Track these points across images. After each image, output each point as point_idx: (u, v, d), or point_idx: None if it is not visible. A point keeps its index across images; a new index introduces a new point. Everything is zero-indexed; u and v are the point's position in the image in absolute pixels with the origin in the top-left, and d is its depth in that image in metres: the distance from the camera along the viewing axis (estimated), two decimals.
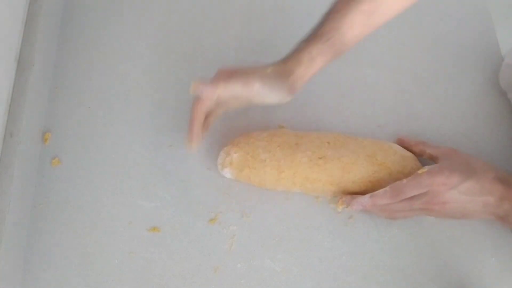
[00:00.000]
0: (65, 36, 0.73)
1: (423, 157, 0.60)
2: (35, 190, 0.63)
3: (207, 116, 0.59)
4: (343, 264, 0.58)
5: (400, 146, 0.61)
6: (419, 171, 0.54)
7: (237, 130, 0.66)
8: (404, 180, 0.54)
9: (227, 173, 0.60)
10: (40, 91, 0.66)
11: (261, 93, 0.56)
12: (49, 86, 0.69)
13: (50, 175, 0.64)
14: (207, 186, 0.63)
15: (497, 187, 0.53)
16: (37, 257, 0.60)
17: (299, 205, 0.61)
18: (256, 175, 0.59)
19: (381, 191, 0.55)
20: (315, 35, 0.57)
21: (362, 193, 0.60)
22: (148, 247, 0.60)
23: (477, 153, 0.65)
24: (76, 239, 0.60)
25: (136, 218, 0.61)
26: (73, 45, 0.72)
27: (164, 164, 0.64)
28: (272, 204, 0.61)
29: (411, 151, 0.61)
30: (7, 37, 0.62)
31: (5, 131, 0.60)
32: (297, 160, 0.58)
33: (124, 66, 0.70)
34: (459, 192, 0.52)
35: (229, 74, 0.56)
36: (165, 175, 0.63)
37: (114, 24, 0.73)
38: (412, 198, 0.54)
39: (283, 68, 0.57)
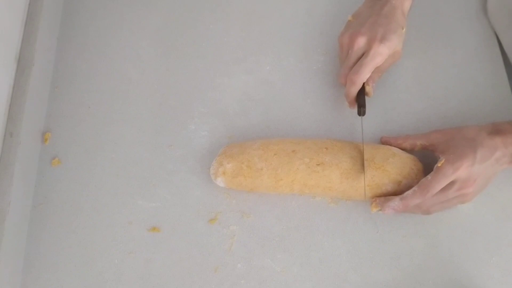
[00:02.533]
0: (65, 36, 0.73)
1: (415, 150, 0.61)
2: (35, 190, 0.63)
3: None
4: (343, 264, 0.58)
5: (398, 148, 0.61)
6: (438, 164, 0.55)
7: (237, 130, 0.66)
8: (429, 176, 0.55)
9: (221, 182, 0.60)
10: (40, 91, 0.66)
11: None
12: (49, 86, 0.69)
13: (50, 175, 0.64)
14: (207, 186, 0.63)
15: (496, 139, 0.55)
16: (37, 257, 0.60)
17: (299, 205, 0.61)
18: (252, 183, 0.59)
19: (409, 192, 0.56)
20: None
21: (362, 197, 0.60)
22: (148, 247, 0.60)
23: None
24: (76, 239, 0.60)
25: (136, 218, 0.61)
26: (73, 45, 0.72)
27: (164, 164, 0.64)
28: (272, 204, 0.61)
29: (401, 147, 0.61)
30: (7, 37, 0.62)
31: (5, 131, 0.60)
32: (295, 168, 0.58)
33: (124, 66, 0.70)
34: (479, 164, 0.54)
35: None
36: (165, 175, 0.63)
37: (114, 24, 0.73)
38: (443, 190, 0.55)
39: None
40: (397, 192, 0.59)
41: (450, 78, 0.69)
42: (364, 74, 0.59)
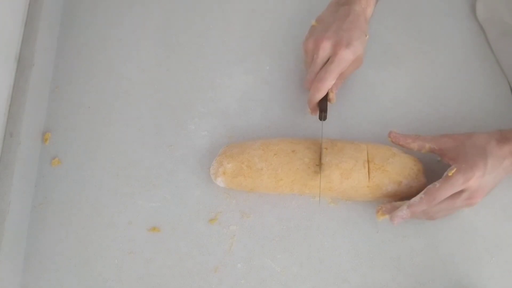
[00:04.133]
0: (65, 36, 0.73)
1: (422, 151, 0.60)
2: (35, 190, 0.63)
3: None
4: (343, 264, 0.58)
5: (398, 148, 0.61)
6: (449, 173, 0.54)
7: (237, 130, 0.66)
8: (437, 184, 0.54)
9: (221, 182, 0.60)
10: (40, 91, 0.66)
11: None
12: (49, 86, 0.69)
13: (50, 175, 0.64)
14: (207, 186, 0.63)
15: (504, 148, 0.55)
16: (37, 257, 0.60)
17: (299, 205, 0.61)
18: (252, 183, 0.59)
19: (416, 199, 0.55)
20: None
21: (362, 197, 0.60)
22: (148, 247, 0.60)
23: None
24: (76, 239, 0.60)
25: (136, 218, 0.61)
26: (73, 45, 0.72)
27: (164, 164, 0.64)
28: (272, 204, 0.61)
29: (408, 147, 0.60)
30: (7, 37, 0.62)
31: (5, 131, 0.60)
32: (294, 168, 0.58)
33: (124, 66, 0.70)
34: (489, 175, 0.54)
35: None
36: (165, 175, 0.63)
37: (114, 24, 0.73)
38: (451, 198, 0.55)
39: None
40: (398, 192, 0.59)
41: (449, 78, 0.69)
42: (329, 81, 0.59)
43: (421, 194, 0.55)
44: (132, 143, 0.65)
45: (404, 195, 0.60)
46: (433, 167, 0.63)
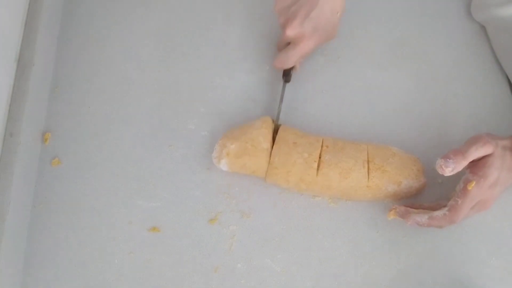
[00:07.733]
0: (65, 36, 0.73)
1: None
2: (35, 190, 0.63)
3: None
4: (343, 264, 0.58)
5: (399, 148, 0.61)
6: (468, 187, 0.54)
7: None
8: (459, 200, 0.54)
9: (224, 165, 0.60)
10: (40, 91, 0.66)
11: None
12: (49, 86, 0.69)
13: (50, 175, 0.64)
14: (207, 186, 0.63)
15: None
16: (37, 257, 0.60)
17: (299, 205, 0.62)
18: (255, 163, 0.59)
19: (439, 214, 0.55)
20: None
21: (362, 197, 0.60)
22: (148, 247, 0.60)
23: None
24: (76, 239, 0.60)
25: (136, 218, 0.61)
26: (73, 45, 0.72)
27: (164, 164, 0.64)
28: (272, 204, 0.61)
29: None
30: (7, 37, 0.62)
31: (5, 131, 0.60)
32: (292, 160, 0.58)
33: (124, 66, 0.70)
34: (500, 187, 0.56)
35: None
36: (165, 175, 0.63)
37: (114, 24, 0.73)
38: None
39: None
40: (398, 192, 0.59)
41: (450, 78, 0.69)
42: (289, 64, 0.64)
43: (444, 210, 0.55)
44: (132, 143, 0.65)
45: (404, 195, 0.60)
46: (433, 167, 0.63)
